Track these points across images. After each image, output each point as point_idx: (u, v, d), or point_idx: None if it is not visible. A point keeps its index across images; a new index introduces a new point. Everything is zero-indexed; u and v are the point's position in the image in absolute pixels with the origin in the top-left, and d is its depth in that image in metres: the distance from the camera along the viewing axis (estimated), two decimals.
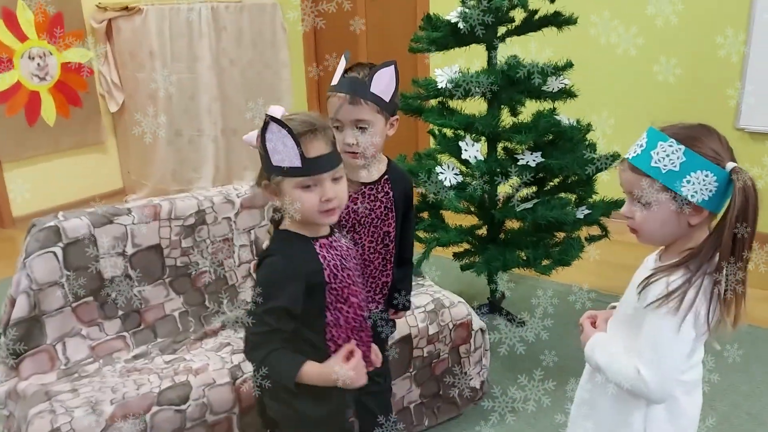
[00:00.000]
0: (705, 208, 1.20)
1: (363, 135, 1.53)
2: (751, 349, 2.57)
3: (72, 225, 2.01)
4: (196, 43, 4.60)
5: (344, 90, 1.50)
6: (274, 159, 1.25)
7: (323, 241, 1.35)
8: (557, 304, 3.06)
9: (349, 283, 1.36)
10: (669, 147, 1.19)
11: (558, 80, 2.43)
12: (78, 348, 1.97)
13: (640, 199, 1.24)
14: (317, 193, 1.28)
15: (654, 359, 1.22)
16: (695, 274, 1.19)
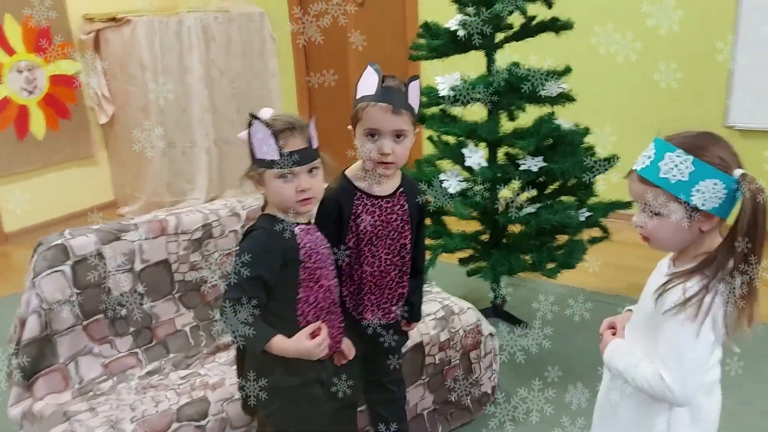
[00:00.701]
0: (715, 215, 1.22)
1: (399, 145, 1.56)
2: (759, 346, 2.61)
3: (79, 243, 2.00)
4: (185, 54, 4.58)
5: (387, 100, 1.53)
6: (258, 153, 1.44)
7: (302, 226, 1.51)
8: (559, 307, 3.09)
9: (322, 267, 1.51)
10: (677, 157, 1.21)
11: (557, 84, 2.46)
12: (91, 366, 1.96)
13: (650, 209, 1.26)
14: (294, 184, 1.45)
15: (676, 365, 1.24)
16: (712, 280, 1.22)
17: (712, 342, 1.25)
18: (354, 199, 1.62)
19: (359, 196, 1.62)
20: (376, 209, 1.63)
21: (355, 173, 1.66)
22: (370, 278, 1.67)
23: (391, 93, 1.53)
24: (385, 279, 1.68)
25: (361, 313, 1.70)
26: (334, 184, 1.66)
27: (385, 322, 1.73)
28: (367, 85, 1.55)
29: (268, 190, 1.48)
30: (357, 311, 1.70)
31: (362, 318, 1.70)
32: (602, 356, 1.42)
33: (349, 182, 1.64)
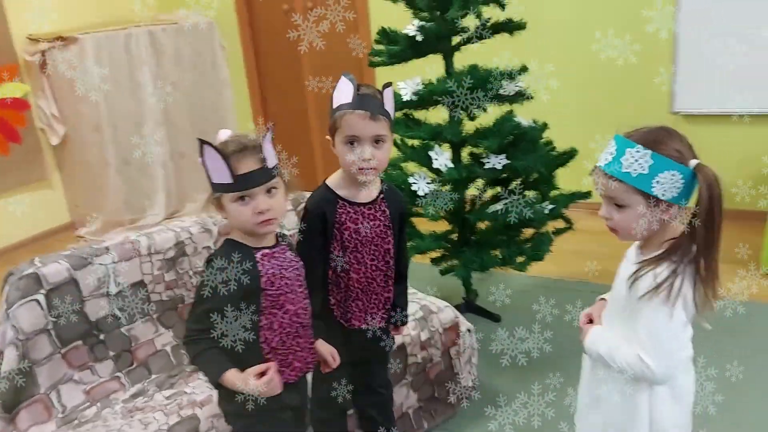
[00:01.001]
0: (675, 204, 1.31)
1: (379, 150, 1.59)
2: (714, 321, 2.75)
3: (51, 270, 1.97)
4: (136, 69, 4.51)
5: (364, 107, 1.56)
6: (213, 177, 1.42)
7: (265, 251, 1.48)
8: (529, 295, 3.18)
9: (286, 291, 1.49)
10: (637, 152, 1.29)
11: (514, 84, 2.54)
12: (72, 394, 1.93)
13: (615, 202, 1.34)
14: (251, 206, 1.42)
15: (654, 346, 1.32)
16: (679, 265, 1.30)
17: (684, 321, 1.34)
18: (337, 208, 1.65)
19: (342, 204, 1.65)
20: (359, 216, 1.66)
21: (336, 182, 1.68)
22: (357, 285, 1.70)
23: (367, 100, 1.57)
24: (372, 285, 1.72)
25: (349, 320, 1.73)
26: (316, 194, 1.69)
27: (373, 328, 1.77)
28: (343, 94, 1.58)
29: (227, 214, 1.45)
30: (345, 318, 1.73)
31: (350, 325, 1.73)
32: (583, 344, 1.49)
33: (330, 191, 1.67)
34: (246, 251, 1.45)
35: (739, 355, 2.57)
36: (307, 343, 1.58)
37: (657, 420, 1.42)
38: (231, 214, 1.44)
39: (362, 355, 1.80)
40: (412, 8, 2.51)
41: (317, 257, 1.66)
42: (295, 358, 1.54)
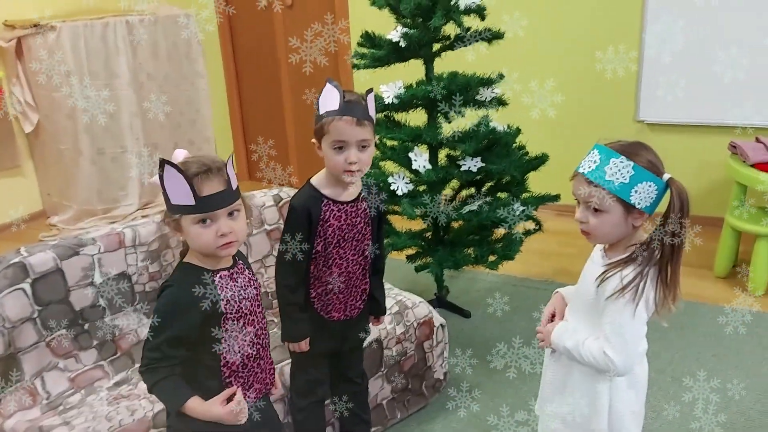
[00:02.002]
0: (645, 212, 1.43)
1: (363, 153, 1.69)
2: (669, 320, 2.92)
3: (38, 260, 2.01)
4: (112, 59, 4.50)
5: (351, 113, 1.65)
6: (172, 198, 1.37)
7: (223, 273, 1.46)
8: (496, 293, 3.31)
9: (246, 314, 1.48)
10: (620, 163, 1.41)
11: (490, 90, 2.65)
12: (57, 381, 1.98)
13: (594, 207, 1.44)
14: (213, 229, 1.38)
15: (618, 341, 1.44)
16: (645, 267, 1.42)
17: (644, 319, 1.46)
18: (321, 206, 1.74)
19: (326, 202, 1.74)
20: (342, 214, 1.76)
21: (320, 181, 1.77)
22: (338, 279, 1.81)
23: (353, 106, 1.66)
24: (351, 278, 1.82)
25: (329, 312, 1.83)
26: (302, 192, 1.78)
27: (351, 318, 1.87)
28: (330, 101, 1.67)
29: (186, 236, 1.40)
30: (325, 311, 1.83)
31: (330, 317, 1.83)
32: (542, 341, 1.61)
33: (315, 190, 1.76)
34: (203, 275, 1.42)
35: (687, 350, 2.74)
36: (267, 363, 1.59)
37: (616, 407, 1.55)
38: (191, 237, 1.39)
39: (340, 345, 1.91)
40: (396, 15, 2.59)
41: (300, 252, 1.74)
42: (255, 380, 1.54)
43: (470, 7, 2.50)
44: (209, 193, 1.36)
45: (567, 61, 4.09)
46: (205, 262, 1.45)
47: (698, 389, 2.48)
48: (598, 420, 1.55)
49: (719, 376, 2.56)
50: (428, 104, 2.61)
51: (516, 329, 2.92)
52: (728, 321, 2.92)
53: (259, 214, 2.49)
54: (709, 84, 3.69)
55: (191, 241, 1.41)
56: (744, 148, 3.23)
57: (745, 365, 2.63)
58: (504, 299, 3.16)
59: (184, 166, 1.36)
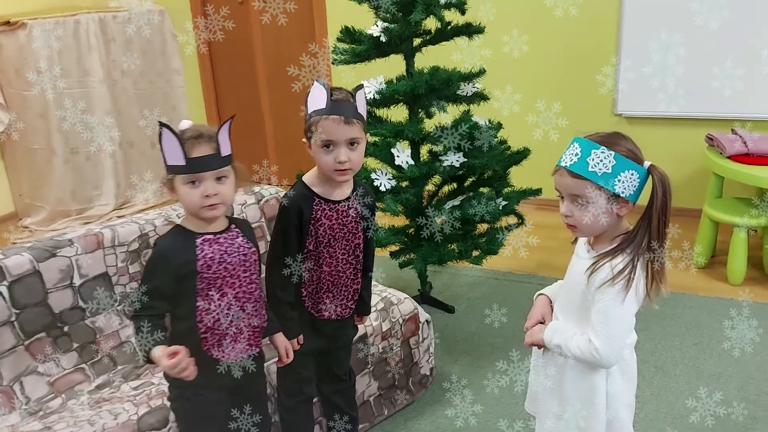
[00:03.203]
0: (629, 201, 1.43)
1: (354, 152, 1.66)
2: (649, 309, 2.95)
3: (14, 262, 1.95)
4: (85, 56, 4.41)
5: (338, 112, 1.63)
6: (167, 159, 1.50)
7: (208, 236, 1.56)
8: (480, 287, 3.31)
9: (225, 275, 1.56)
10: (602, 153, 1.41)
11: (472, 85, 2.65)
12: (36, 386, 1.93)
13: (579, 200, 1.44)
14: (200, 190, 1.50)
15: (604, 330, 1.43)
16: (635, 256, 1.42)
17: (634, 309, 1.46)
18: (313, 204, 1.72)
19: (318, 201, 1.73)
20: (334, 213, 1.74)
21: (312, 180, 1.76)
22: (329, 278, 1.78)
23: (341, 105, 1.64)
24: (342, 278, 1.80)
25: (320, 311, 1.81)
26: (293, 191, 1.75)
27: (341, 318, 1.84)
28: (317, 100, 1.65)
29: (178, 196, 1.53)
30: (316, 309, 1.80)
31: (320, 316, 1.81)
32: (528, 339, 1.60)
33: (307, 188, 1.74)
34: (188, 236, 1.55)
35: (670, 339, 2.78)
36: (248, 326, 1.63)
37: (612, 400, 1.54)
38: (181, 196, 1.52)
39: (329, 344, 1.88)
40: (375, 10, 2.57)
41: (292, 251, 1.73)
42: (233, 339, 1.60)
43: (450, 2, 2.49)
44: (198, 155, 1.48)
45: (544, 54, 4.11)
46: (194, 226, 1.56)
47: (683, 378, 2.52)
48: (596, 416, 1.54)
49: (702, 364, 2.59)
50: (410, 100, 2.60)
51: (500, 324, 2.93)
52: (709, 311, 2.96)
53: (240, 213, 2.46)
54: (685, 76, 3.73)
55: (182, 200, 1.53)
56: (721, 140, 3.27)
57: (727, 353, 2.67)
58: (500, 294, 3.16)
59: (180, 132, 1.50)
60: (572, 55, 4.06)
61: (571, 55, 4.06)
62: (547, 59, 4.12)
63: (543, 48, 4.09)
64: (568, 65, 4.09)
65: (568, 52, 4.05)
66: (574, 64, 4.07)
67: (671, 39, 3.71)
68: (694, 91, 3.74)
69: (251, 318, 1.64)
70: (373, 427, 2.32)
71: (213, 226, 1.58)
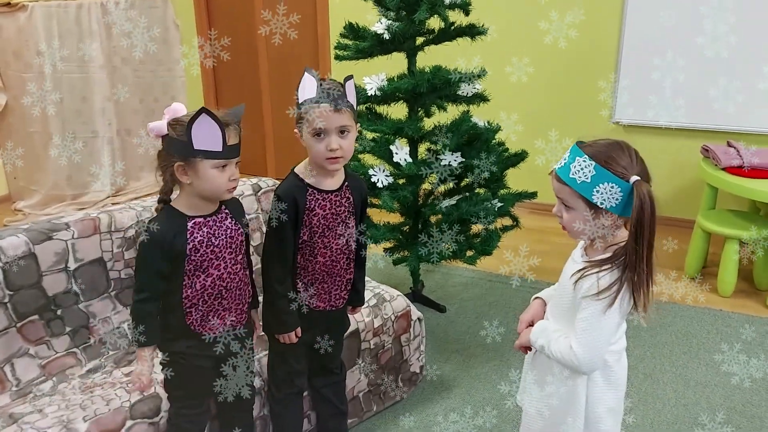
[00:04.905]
0: (614, 213, 1.43)
1: (345, 140, 1.68)
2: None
3: (10, 243, 1.95)
4: (86, 41, 4.39)
5: (327, 100, 1.65)
6: (197, 143, 1.53)
7: (198, 219, 1.62)
8: (472, 288, 3.33)
9: (211, 257, 1.63)
10: (583, 162, 1.42)
11: (472, 86, 2.66)
12: (28, 368, 1.93)
13: (564, 203, 1.47)
14: (228, 173, 1.59)
15: (585, 338, 1.45)
16: (622, 273, 1.43)
17: (617, 322, 1.48)
18: (306, 195, 1.73)
19: (311, 191, 1.74)
20: (327, 203, 1.76)
21: (303, 171, 1.76)
22: (323, 268, 1.80)
23: (330, 93, 1.66)
24: (336, 267, 1.82)
25: (314, 302, 1.82)
26: (286, 182, 1.76)
27: (335, 308, 1.87)
28: (307, 89, 1.67)
29: (197, 179, 1.57)
30: (309, 301, 1.82)
31: (315, 307, 1.82)
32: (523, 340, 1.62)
33: (299, 179, 1.75)
34: (179, 219, 1.61)
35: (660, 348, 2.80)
36: (233, 304, 1.71)
37: (592, 404, 1.56)
38: (206, 179, 1.56)
39: (321, 335, 1.89)
40: (380, 7, 2.58)
41: (286, 244, 1.74)
42: (216, 315, 1.68)
43: (455, 2, 2.50)
44: (232, 143, 1.57)
45: (546, 60, 4.13)
46: (185, 207, 1.62)
47: (670, 386, 2.54)
48: (574, 415, 1.57)
49: (690, 373, 2.62)
50: (410, 98, 2.61)
51: (490, 324, 2.94)
52: (699, 321, 2.99)
53: None
54: (683, 87, 3.76)
55: (203, 183, 1.57)
56: (716, 152, 3.30)
57: (715, 362, 2.70)
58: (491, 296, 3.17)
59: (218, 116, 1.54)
60: (572, 62, 4.08)
61: (571, 61, 4.08)
62: (546, 65, 4.14)
63: (542, 55, 4.11)
64: (568, 72, 4.11)
65: (567, 59, 4.07)
66: (574, 70, 4.09)
67: (671, 50, 3.74)
68: (692, 102, 3.77)
69: (236, 295, 1.70)
70: (362, 422, 2.33)
71: (204, 208, 1.64)
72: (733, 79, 3.66)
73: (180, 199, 1.64)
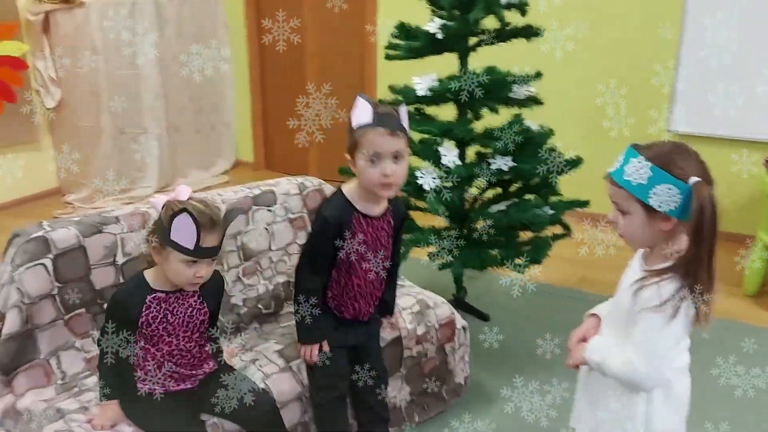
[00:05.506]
0: (672, 217, 1.34)
1: (398, 166, 1.67)
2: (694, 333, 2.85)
3: (60, 235, 1.96)
4: (139, 38, 4.46)
5: (384, 125, 1.64)
6: (173, 235, 1.56)
7: (160, 294, 1.65)
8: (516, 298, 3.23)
9: (163, 335, 1.66)
10: (638, 163, 1.34)
11: (525, 88, 2.58)
12: (73, 361, 1.93)
13: (619, 208, 1.39)
14: (194, 270, 1.60)
15: (647, 351, 1.37)
16: (684, 282, 1.33)
17: (680, 334, 1.39)
18: (352, 219, 1.75)
19: (357, 216, 1.75)
20: (370, 228, 1.78)
21: (352, 194, 1.77)
22: (357, 288, 1.84)
23: (386, 118, 1.66)
24: (369, 286, 1.86)
25: (342, 312, 1.87)
26: (333, 204, 1.77)
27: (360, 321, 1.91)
28: (362, 114, 1.66)
29: (165, 263, 1.61)
30: (338, 310, 1.87)
31: (342, 317, 1.88)
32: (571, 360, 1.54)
33: (348, 203, 1.76)
34: (142, 291, 1.65)
35: None
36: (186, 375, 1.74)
37: (652, 424, 1.47)
38: (171, 269, 1.60)
39: (357, 339, 1.92)
40: (432, 5, 2.53)
41: (324, 260, 1.78)
42: (171, 382, 1.71)
43: (511, 2, 2.43)
44: (208, 245, 1.59)
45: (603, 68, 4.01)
46: (154, 280, 1.66)
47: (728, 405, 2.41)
48: None
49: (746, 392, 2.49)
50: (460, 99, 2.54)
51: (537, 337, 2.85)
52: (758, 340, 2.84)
53: (284, 202, 2.43)
54: (745, 98, 3.60)
55: (168, 270, 1.61)
56: None
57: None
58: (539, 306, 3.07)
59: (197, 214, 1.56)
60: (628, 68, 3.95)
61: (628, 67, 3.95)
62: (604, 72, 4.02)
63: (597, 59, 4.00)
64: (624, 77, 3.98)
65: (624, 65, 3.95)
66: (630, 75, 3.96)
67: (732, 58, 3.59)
68: (754, 113, 3.61)
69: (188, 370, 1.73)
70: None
71: (170, 285, 1.66)
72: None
73: (153, 270, 1.68)
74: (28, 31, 4.25)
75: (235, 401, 1.70)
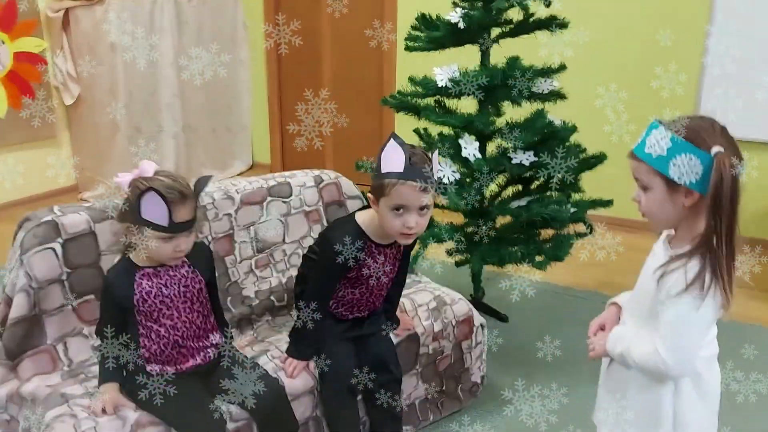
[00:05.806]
0: (694, 190, 1.24)
1: (422, 218, 1.64)
2: None
3: (71, 220, 1.92)
4: (158, 37, 4.46)
5: (416, 179, 1.58)
6: (144, 213, 1.53)
7: (148, 270, 1.63)
8: (536, 299, 3.15)
9: (162, 308, 1.63)
10: (659, 134, 1.25)
11: (549, 82, 2.51)
12: (80, 348, 1.89)
13: (640, 184, 1.31)
14: (173, 244, 1.58)
15: (672, 338, 1.27)
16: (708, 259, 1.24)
17: (710, 319, 1.29)
18: (364, 248, 1.74)
19: (369, 245, 1.74)
20: (381, 256, 1.77)
21: (367, 225, 1.75)
22: (358, 303, 1.85)
23: (418, 169, 1.59)
24: (369, 302, 1.88)
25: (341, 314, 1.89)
26: (345, 229, 1.73)
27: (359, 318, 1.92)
28: (394, 161, 1.59)
29: (141, 243, 1.57)
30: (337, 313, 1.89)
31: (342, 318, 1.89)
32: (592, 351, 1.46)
33: (362, 232, 1.74)
34: (129, 271, 1.63)
35: None
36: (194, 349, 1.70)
37: (681, 417, 1.37)
38: (150, 247, 1.57)
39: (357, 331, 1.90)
40: None
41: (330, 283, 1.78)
42: (176, 362, 1.67)
43: None
44: (181, 220, 1.56)
45: (627, 71, 3.93)
46: (140, 258, 1.62)
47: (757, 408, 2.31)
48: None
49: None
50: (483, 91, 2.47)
51: (556, 338, 2.76)
52: None
53: (299, 194, 2.38)
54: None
55: (150, 250, 1.57)
56: None
57: None
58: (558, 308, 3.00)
59: (165, 191, 1.52)
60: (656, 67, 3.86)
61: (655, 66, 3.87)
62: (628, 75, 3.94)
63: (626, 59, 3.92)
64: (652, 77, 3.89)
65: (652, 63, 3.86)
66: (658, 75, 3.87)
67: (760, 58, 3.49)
68: None
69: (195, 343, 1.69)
70: (418, 431, 2.19)
71: (156, 260, 1.63)
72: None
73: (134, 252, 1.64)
74: (47, 27, 4.26)
75: (247, 388, 1.64)
